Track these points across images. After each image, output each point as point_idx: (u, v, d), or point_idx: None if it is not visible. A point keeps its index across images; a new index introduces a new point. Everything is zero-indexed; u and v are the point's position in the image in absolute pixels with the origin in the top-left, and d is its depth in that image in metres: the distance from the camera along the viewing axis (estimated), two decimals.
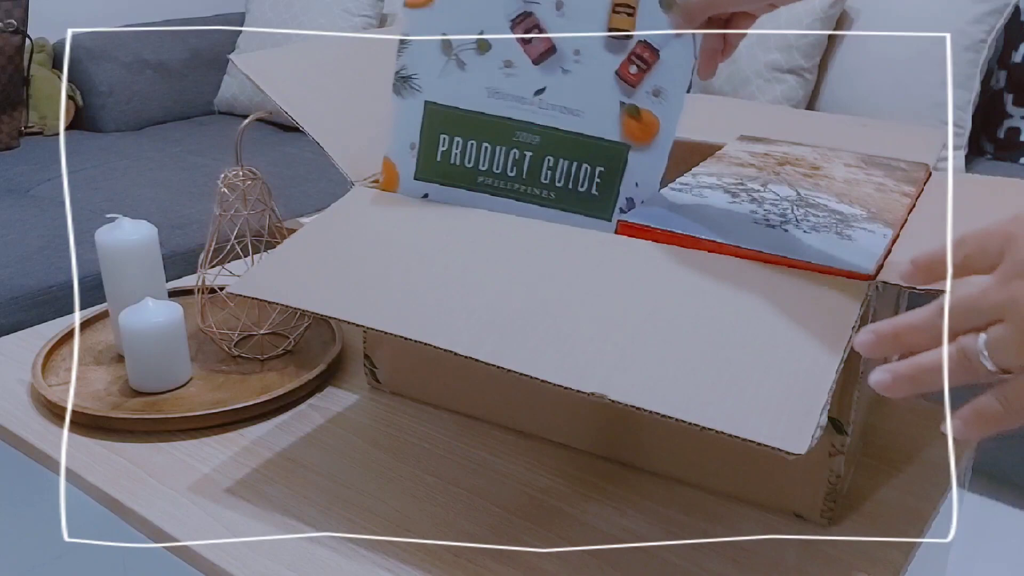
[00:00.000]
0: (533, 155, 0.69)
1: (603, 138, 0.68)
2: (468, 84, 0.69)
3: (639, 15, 0.66)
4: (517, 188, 0.70)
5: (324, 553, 0.62)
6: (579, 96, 0.68)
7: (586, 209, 0.69)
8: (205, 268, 0.86)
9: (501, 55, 0.68)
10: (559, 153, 0.69)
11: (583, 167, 0.69)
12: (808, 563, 0.61)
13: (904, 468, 0.71)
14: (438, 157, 0.71)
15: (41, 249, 1.62)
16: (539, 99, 0.69)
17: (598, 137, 0.68)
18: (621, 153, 0.68)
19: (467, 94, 0.70)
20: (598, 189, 0.69)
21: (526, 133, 0.69)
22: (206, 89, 2.54)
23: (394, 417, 0.78)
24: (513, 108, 0.69)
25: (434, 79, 0.70)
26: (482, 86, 0.69)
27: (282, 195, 1.87)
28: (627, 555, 0.62)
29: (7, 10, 2.08)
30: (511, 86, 0.69)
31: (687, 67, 0.66)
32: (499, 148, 0.70)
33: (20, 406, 0.79)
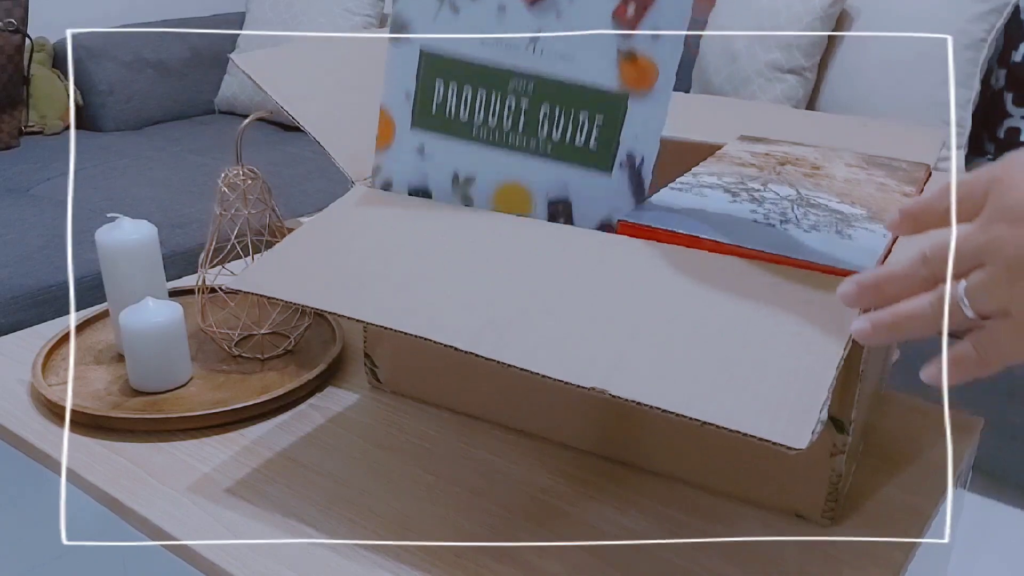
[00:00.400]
0: (529, 104, 0.67)
1: (600, 86, 0.66)
2: (462, 30, 0.68)
3: None
4: (513, 140, 0.68)
5: (324, 553, 0.61)
6: (574, 40, 0.66)
7: (585, 162, 0.67)
8: (205, 268, 0.86)
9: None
10: (555, 101, 0.67)
11: (580, 117, 0.67)
12: (808, 562, 0.61)
13: (905, 468, 0.71)
14: (433, 108, 0.69)
15: (41, 248, 1.62)
16: (534, 44, 0.66)
17: (595, 85, 0.66)
18: (620, 102, 0.66)
19: (461, 40, 0.68)
20: (597, 141, 0.67)
21: (521, 80, 0.67)
22: (206, 88, 2.54)
23: (395, 417, 0.78)
24: (507, 54, 0.67)
25: (428, 25, 0.68)
26: (476, 31, 0.67)
27: (282, 194, 1.87)
28: (627, 554, 0.62)
29: (7, 9, 2.08)
30: (505, 31, 0.67)
31: (686, 7, 0.64)
32: (494, 96, 0.68)
33: (20, 406, 0.79)
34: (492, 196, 0.69)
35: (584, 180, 0.67)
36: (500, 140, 0.69)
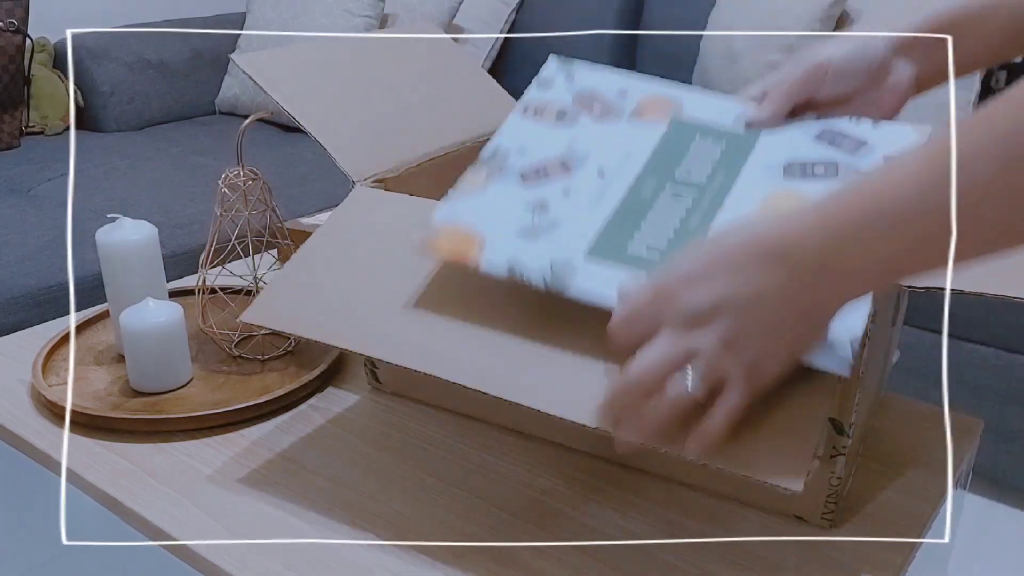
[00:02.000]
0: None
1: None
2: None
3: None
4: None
5: (324, 553, 0.62)
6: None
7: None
8: (206, 268, 0.86)
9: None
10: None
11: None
12: (808, 564, 0.61)
13: (904, 470, 0.71)
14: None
15: (42, 249, 1.62)
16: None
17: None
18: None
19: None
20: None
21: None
22: (207, 89, 2.54)
23: (394, 418, 0.78)
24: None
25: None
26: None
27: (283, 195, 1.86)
28: (627, 556, 0.62)
29: (8, 10, 2.08)
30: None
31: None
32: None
33: (20, 406, 0.79)
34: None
35: None
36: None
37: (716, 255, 0.50)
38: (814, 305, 0.49)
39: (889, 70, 0.66)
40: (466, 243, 0.63)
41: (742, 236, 0.50)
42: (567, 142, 0.70)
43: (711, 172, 0.66)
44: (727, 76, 2.12)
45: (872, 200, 0.46)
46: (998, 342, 1.59)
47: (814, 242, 0.47)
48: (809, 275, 0.47)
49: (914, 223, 0.45)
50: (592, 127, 0.71)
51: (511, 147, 0.69)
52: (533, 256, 0.60)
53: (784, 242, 0.48)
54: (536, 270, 0.60)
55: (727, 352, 0.49)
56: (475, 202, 0.65)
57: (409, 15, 2.43)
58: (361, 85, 0.83)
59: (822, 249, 0.47)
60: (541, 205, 0.64)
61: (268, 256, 1.07)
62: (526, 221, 0.63)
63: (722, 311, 0.49)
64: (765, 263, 0.48)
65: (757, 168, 0.65)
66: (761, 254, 0.48)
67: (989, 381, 1.60)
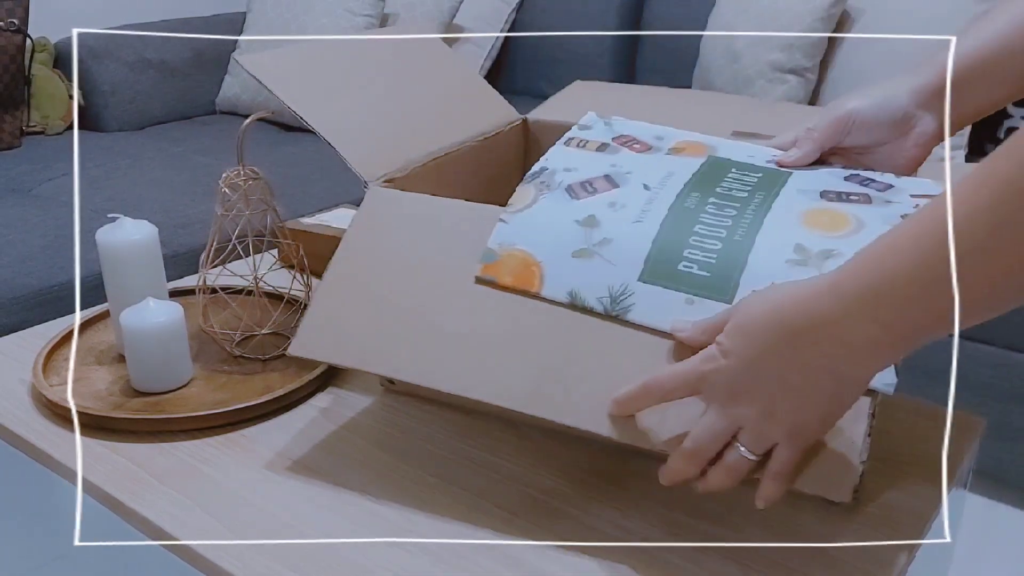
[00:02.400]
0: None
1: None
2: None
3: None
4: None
5: (324, 553, 0.61)
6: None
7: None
8: (206, 268, 0.86)
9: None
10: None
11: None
12: (810, 564, 0.61)
13: (906, 469, 0.71)
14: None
15: (43, 249, 1.62)
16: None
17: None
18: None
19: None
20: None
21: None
22: (208, 89, 2.54)
23: (396, 418, 0.78)
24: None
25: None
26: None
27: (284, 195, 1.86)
28: (629, 556, 0.62)
29: (8, 9, 2.08)
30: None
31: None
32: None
33: (21, 406, 0.79)
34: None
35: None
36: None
37: (745, 339, 0.54)
38: (844, 375, 0.53)
39: (913, 123, 0.69)
40: (526, 268, 0.66)
41: (767, 319, 0.54)
42: (610, 164, 0.72)
43: (750, 192, 0.67)
44: (727, 76, 2.12)
45: (878, 272, 0.49)
46: (1001, 341, 1.59)
47: (833, 319, 0.51)
48: (834, 348, 0.51)
49: (921, 292, 0.47)
50: (633, 156, 0.74)
51: (557, 167, 0.72)
52: (590, 280, 0.64)
53: (806, 321, 0.52)
54: (595, 296, 0.63)
55: (769, 421, 0.55)
56: (527, 221, 0.67)
57: (409, 15, 2.43)
58: (360, 86, 0.83)
59: (840, 326, 0.50)
60: (591, 220, 0.66)
61: (268, 256, 1.07)
62: (579, 240, 0.65)
63: (758, 386, 0.54)
64: (790, 344, 0.52)
65: (793, 192, 0.68)
66: (786, 335, 0.52)
67: (992, 380, 1.60)
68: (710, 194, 0.67)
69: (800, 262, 0.61)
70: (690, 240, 0.63)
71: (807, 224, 0.63)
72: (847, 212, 0.65)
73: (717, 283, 0.61)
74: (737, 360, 0.54)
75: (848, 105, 0.70)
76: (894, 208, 0.65)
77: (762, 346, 0.53)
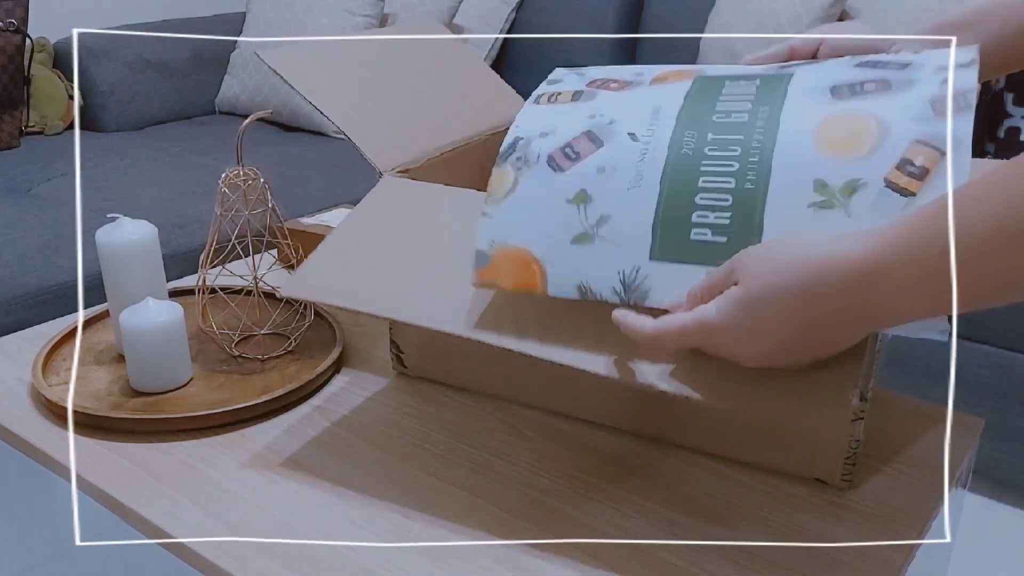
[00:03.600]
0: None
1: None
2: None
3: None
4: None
5: (324, 553, 0.62)
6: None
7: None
8: (206, 268, 0.86)
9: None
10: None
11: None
12: (809, 564, 0.61)
13: (904, 469, 0.71)
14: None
15: (42, 248, 1.62)
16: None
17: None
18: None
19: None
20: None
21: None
22: (207, 89, 2.54)
23: (395, 418, 0.78)
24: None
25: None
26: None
27: (283, 195, 1.87)
28: (627, 556, 0.62)
29: (8, 9, 2.08)
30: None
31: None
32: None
33: (20, 406, 0.79)
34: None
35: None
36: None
37: (761, 316, 0.51)
38: (851, 332, 0.51)
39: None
40: (524, 267, 0.60)
41: (782, 293, 0.50)
42: (589, 115, 0.63)
43: (752, 108, 0.59)
44: None
45: (921, 243, 0.47)
46: (999, 341, 1.59)
47: (851, 283, 0.48)
48: (856, 309, 0.49)
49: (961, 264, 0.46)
50: (612, 96, 0.64)
51: (531, 134, 0.64)
52: (597, 268, 0.58)
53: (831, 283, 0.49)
54: (607, 285, 0.57)
55: (745, 354, 0.54)
56: (513, 211, 0.61)
57: (409, 15, 2.43)
58: (376, 80, 0.85)
59: (875, 292, 0.48)
60: (582, 196, 0.59)
61: (268, 256, 1.07)
62: (575, 223, 0.59)
63: (754, 342, 0.52)
64: (803, 303, 0.50)
65: (800, 95, 0.59)
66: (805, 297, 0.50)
67: (990, 380, 1.60)
68: (707, 126, 0.59)
69: (824, 204, 0.54)
70: (696, 199, 0.56)
71: (823, 145, 0.55)
72: (866, 113, 0.56)
73: (737, 249, 0.55)
74: (753, 345, 0.52)
75: (828, 31, 0.67)
76: (919, 90, 0.56)
77: (773, 307, 0.50)
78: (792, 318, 0.50)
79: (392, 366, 0.84)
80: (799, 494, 0.68)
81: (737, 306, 0.51)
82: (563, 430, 0.75)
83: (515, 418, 0.77)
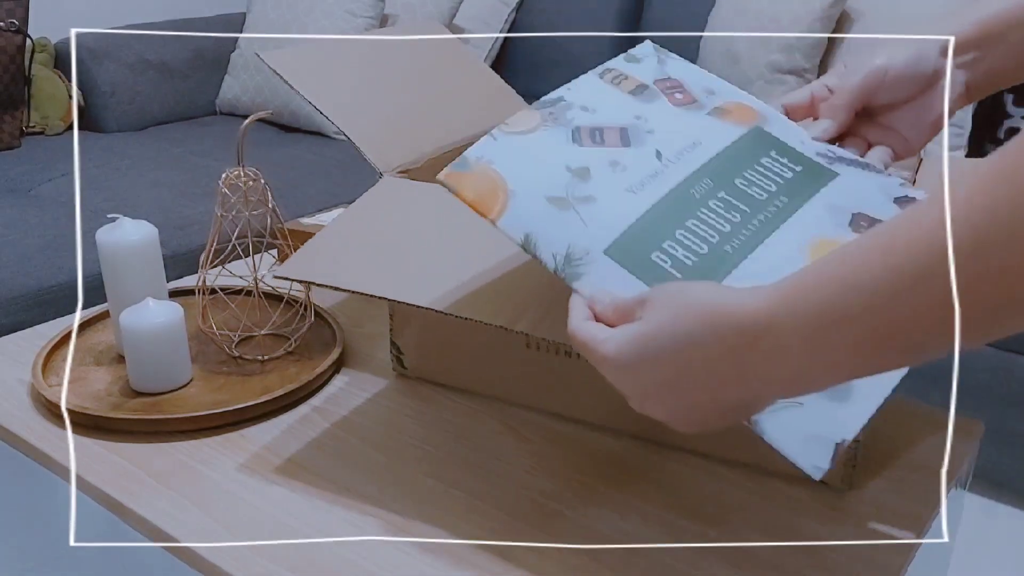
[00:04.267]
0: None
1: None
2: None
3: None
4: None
5: (324, 554, 0.62)
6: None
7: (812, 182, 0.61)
8: (206, 268, 0.86)
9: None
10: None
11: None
12: (808, 566, 0.61)
13: (904, 472, 0.71)
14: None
15: (42, 249, 1.62)
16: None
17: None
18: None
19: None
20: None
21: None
22: (208, 89, 2.54)
23: (395, 419, 0.78)
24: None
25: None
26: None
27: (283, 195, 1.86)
28: (627, 558, 0.62)
29: (8, 10, 2.08)
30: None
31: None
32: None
33: (20, 406, 0.79)
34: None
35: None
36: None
37: (645, 352, 0.47)
38: (758, 394, 0.46)
39: (941, 77, 0.64)
40: (492, 192, 0.58)
41: (689, 311, 0.46)
42: (635, 116, 0.63)
43: (774, 192, 0.60)
44: (727, 76, 2.12)
45: (841, 298, 0.42)
46: (999, 343, 1.59)
47: (773, 334, 0.43)
48: (763, 363, 0.44)
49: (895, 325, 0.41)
50: (667, 109, 0.65)
51: (576, 101, 0.63)
52: (553, 231, 0.56)
53: (741, 328, 0.44)
54: (550, 250, 0.56)
55: (649, 404, 0.49)
56: (516, 145, 0.60)
57: (409, 15, 2.43)
58: (376, 81, 0.85)
59: (778, 347, 0.43)
60: (583, 172, 0.59)
61: (268, 256, 1.07)
62: (560, 185, 0.58)
63: (655, 376, 0.48)
64: (707, 345, 0.45)
65: (822, 208, 0.59)
66: (709, 335, 0.45)
67: (990, 382, 1.60)
68: (724, 184, 0.60)
69: None
70: (677, 233, 0.57)
71: (813, 256, 0.56)
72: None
73: None
74: (659, 406, 0.49)
75: (877, 60, 0.64)
76: None
77: (671, 341, 0.46)
78: (671, 360, 0.46)
79: (392, 367, 0.84)
80: (799, 496, 0.68)
81: (627, 342, 0.48)
82: (563, 432, 0.75)
83: (515, 420, 0.77)
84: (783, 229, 0.58)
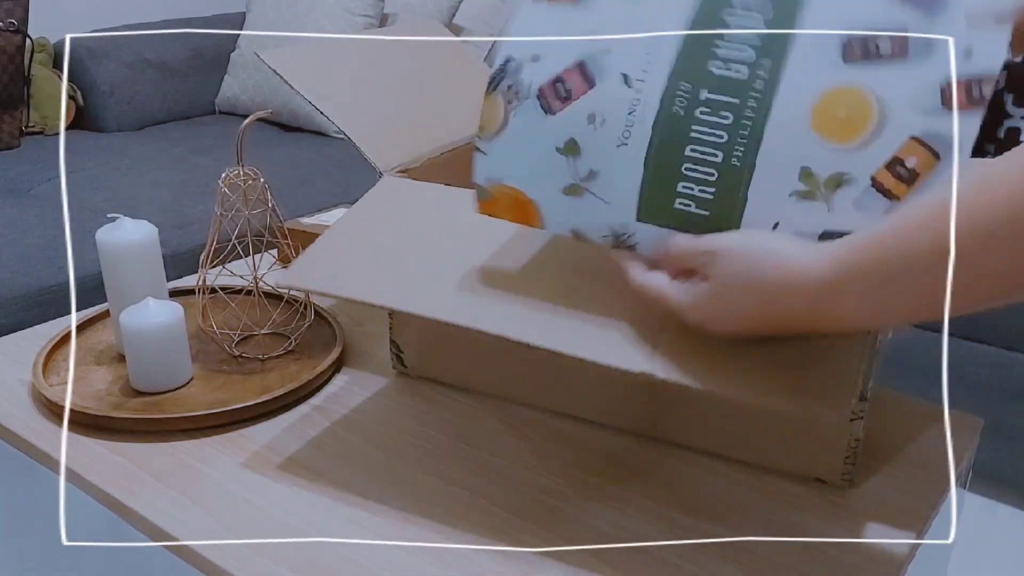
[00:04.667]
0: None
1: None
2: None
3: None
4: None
5: (324, 553, 0.62)
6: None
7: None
8: (206, 268, 0.86)
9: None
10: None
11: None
12: (809, 563, 0.61)
13: (904, 469, 0.71)
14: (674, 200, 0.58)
15: (42, 249, 1.62)
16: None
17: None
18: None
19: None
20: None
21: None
22: (207, 89, 2.54)
23: (395, 418, 0.78)
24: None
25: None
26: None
27: (283, 195, 1.86)
28: (628, 555, 0.62)
29: (8, 10, 2.08)
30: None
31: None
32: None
33: (20, 406, 0.79)
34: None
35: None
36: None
37: (726, 309, 0.55)
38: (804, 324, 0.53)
39: None
40: (521, 206, 0.61)
41: (745, 280, 0.53)
42: (585, 29, 0.60)
43: (752, 60, 0.55)
44: None
45: (877, 264, 0.49)
46: (999, 340, 1.59)
47: (815, 299, 0.51)
48: (804, 314, 0.52)
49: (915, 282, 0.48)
50: (616, 6, 0.61)
51: (522, 55, 0.61)
52: (590, 219, 0.60)
53: (784, 294, 0.52)
54: (598, 235, 0.60)
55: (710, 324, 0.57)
56: (506, 150, 0.61)
57: (409, 15, 2.43)
58: (376, 81, 0.85)
59: (822, 305, 0.51)
60: (572, 147, 0.59)
61: (268, 256, 1.07)
62: (563, 172, 0.59)
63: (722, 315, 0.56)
64: (764, 304, 0.53)
65: (808, 50, 0.55)
66: (762, 300, 0.53)
67: (989, 379, 1.59)
68: (703, 78, 0.56)
69: (806, 194, 0.54)
70: (683, 169, 0.56)
71: (819, 125, 0.54)
72: (870, 91, 0.53)
73: (716, 225, 0.56)
74: (702, 308, 0.56)
75: None
76: (934, 64, 0.53)
77: (735, 301, 0.54)
78: (756, 314, 0.54)
79: (392, 366, 0.84)
80: (799, 493, 0.68)
81: (705, 298, 0.55)
82: (563, 430, 0.75)
83: (515, 418, 0.77)
84: (777, 110, 0.55)
